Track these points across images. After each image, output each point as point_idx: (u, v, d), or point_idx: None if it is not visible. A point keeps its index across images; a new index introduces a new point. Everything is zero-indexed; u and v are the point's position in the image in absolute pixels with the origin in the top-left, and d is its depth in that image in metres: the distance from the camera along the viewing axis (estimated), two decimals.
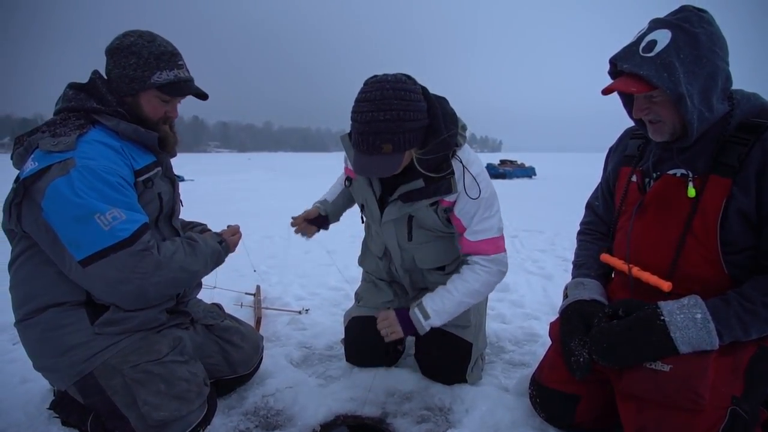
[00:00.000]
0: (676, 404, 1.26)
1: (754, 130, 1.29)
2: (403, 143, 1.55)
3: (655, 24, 1.31)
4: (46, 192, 1.34)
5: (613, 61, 1.36)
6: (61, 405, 1.62)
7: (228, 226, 1.87)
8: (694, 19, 1.27)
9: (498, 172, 22.51)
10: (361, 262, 2.26)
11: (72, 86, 1.56)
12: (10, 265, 1.52)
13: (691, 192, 1.34)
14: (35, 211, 1.37)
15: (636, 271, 1.46)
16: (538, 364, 1.74)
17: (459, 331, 1.93)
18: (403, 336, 1.80)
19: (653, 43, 1.28)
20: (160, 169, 1.63)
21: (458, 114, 1.74)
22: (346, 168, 1.99)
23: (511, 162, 24.63)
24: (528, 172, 22.92)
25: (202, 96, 1.67)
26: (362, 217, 2.07)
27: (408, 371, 2.03)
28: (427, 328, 1.77)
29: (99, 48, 1.60)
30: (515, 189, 14.41)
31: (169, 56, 1.55)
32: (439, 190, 1.70)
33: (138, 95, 1.55)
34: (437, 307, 1.75)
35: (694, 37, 1.25)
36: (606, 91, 1.37)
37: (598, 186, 1.81)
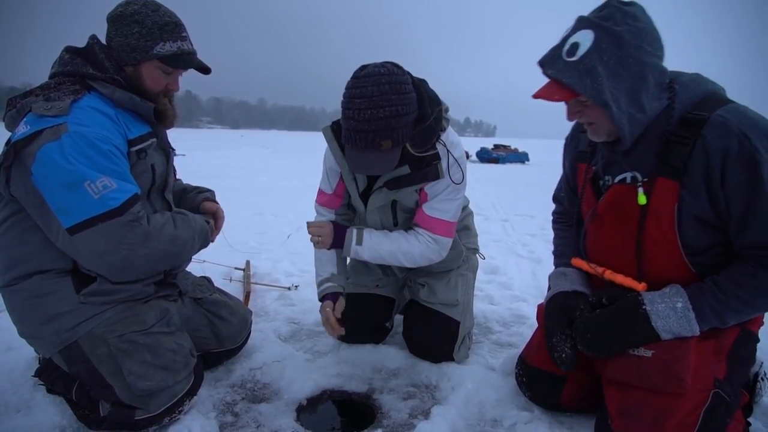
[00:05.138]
0: (660, 389, 1.28)
1: (694, 126, 1.23)
2: (402, 138, 1.54)
3: (580, 23, 1.24)
4: (37, 156, 1.31)
5: (540, 65, 1.29)
6: (46, 372, 1.61)
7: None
8: (617, 15, 1.19)
9: (491, 156, 22.51)
10: None
11: (68, 50, 1.51)
12: None
13: (642, 199, 1.30)
14: (24, 175, 1.34)
15: (608, 274, 1.45)
16: (526, 344, 1.76)
17: (447, 309, 1.94)
18: (328, 248, 1.87)
19: (576, 46, 1.22)
20: (155, 140, 1.59)
21: (450, 97, 1.74)
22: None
23: (505, 147, 24.65)
24: (521, 158, 22.96)
25: (205, 70, 1.63)
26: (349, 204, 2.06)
27: (395, 348, 2.04)
28: (352, 253, 1.84)
29: (90, 14, 1.54)
30: (508, 174, 14.44)
31: (173, 27, 1.51)
32: (427, 177, 1.71)
33: (139, 65, 1.51)
34: (372, 243, 1.82)
35: (617, 36, 1.18)
36: (535, 97, 1.29)
37: (560, 178, 1.79)
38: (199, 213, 1.84)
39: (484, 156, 22.99)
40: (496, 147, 24.60)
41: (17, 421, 1.53)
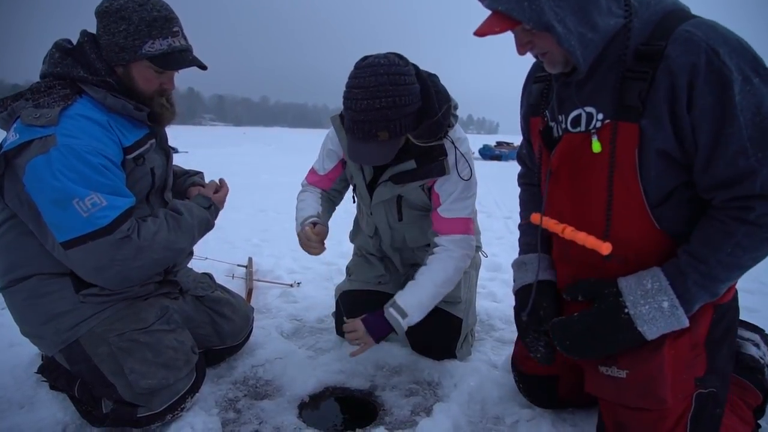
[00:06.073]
0: (641, 408, 1.24)
1: (651, 59, 1.08)
2: (399, 129, 1.53)
3: None
4: (26, 169, 1.29)
5: None
6: (48, 369, 1.61)
7: (209, 182, 1.82)
8: None
9: (494, 153, 22.52)
10: (353, 238, 2.25)
11: (59, 48, 1.45)
12: None
13: (596, 147, 1.16)
14: (17, 186, 1.32)
15: (569, 232, 1.30)
16: (513, 349, 1.72)
17: (449, 307, 1.93)
18: (374, 344, 1.76)
19: None
20: (154, 141, 1.55)
21: (453, 94, 1.71)
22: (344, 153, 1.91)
23: (507, 144, 24.70)
24: None
25: (201, 67, 1.55)
26: (353, 197, 2.06)
27: (398, 346, 2.04)
28: (405, 327, 1.73)
29: (93, 9, 1.49)
30: (510, 171, 14.39)
31: (163, 22, 1.42)
32: (432, 172, 1.70)
33: (129, 66, 1.44)
34: (413, 302, 1.72)
35: None
36: (477, 34, 1.12)
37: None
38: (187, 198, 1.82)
39: (487, 153, 22.98)
40: (499, 144, 24.67)
41: (20, 417, 1.54)
